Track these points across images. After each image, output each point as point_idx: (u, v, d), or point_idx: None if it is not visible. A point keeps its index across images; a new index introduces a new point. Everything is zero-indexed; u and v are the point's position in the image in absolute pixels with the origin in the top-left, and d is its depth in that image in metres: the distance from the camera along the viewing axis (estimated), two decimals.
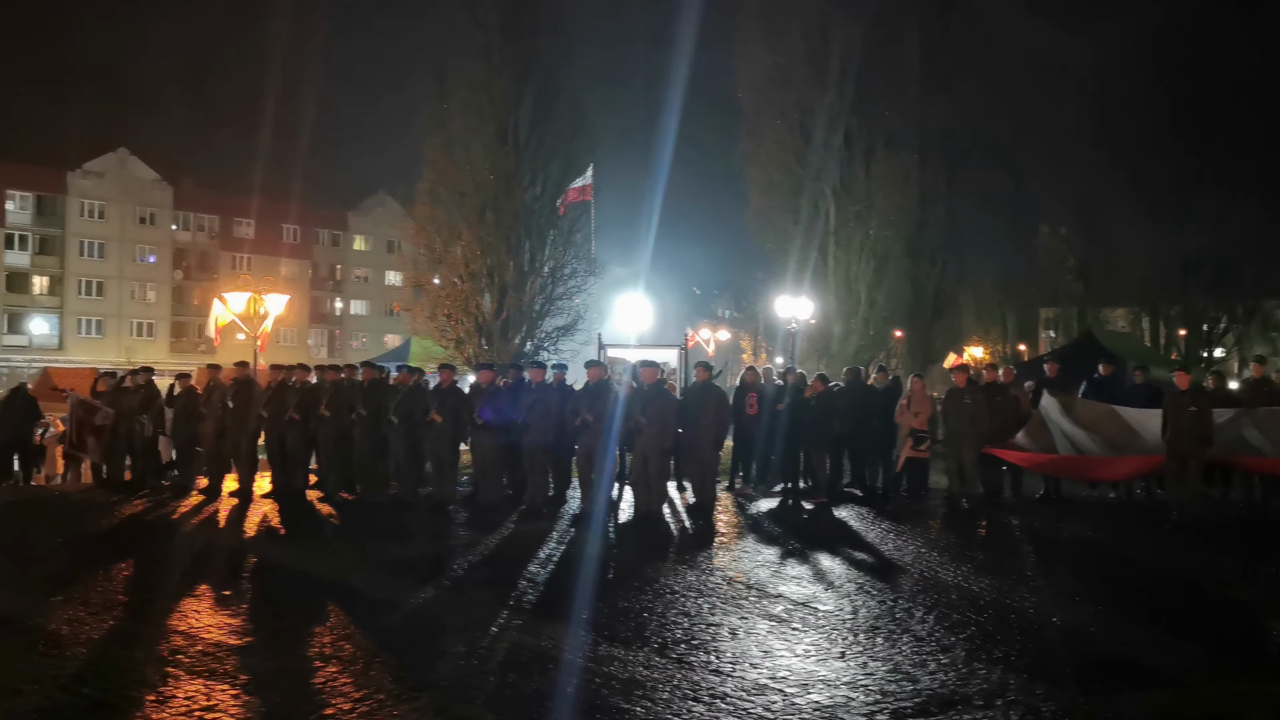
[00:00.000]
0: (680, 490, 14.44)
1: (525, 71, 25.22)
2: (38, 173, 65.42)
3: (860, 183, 28.52)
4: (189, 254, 72.54)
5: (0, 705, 4.99)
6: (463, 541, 10.81)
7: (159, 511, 12.75)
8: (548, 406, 12.93)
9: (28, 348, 63.85)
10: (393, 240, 71.86)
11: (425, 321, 26.60)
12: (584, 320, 26.56)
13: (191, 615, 7.01)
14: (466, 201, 25.04)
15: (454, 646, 6.37)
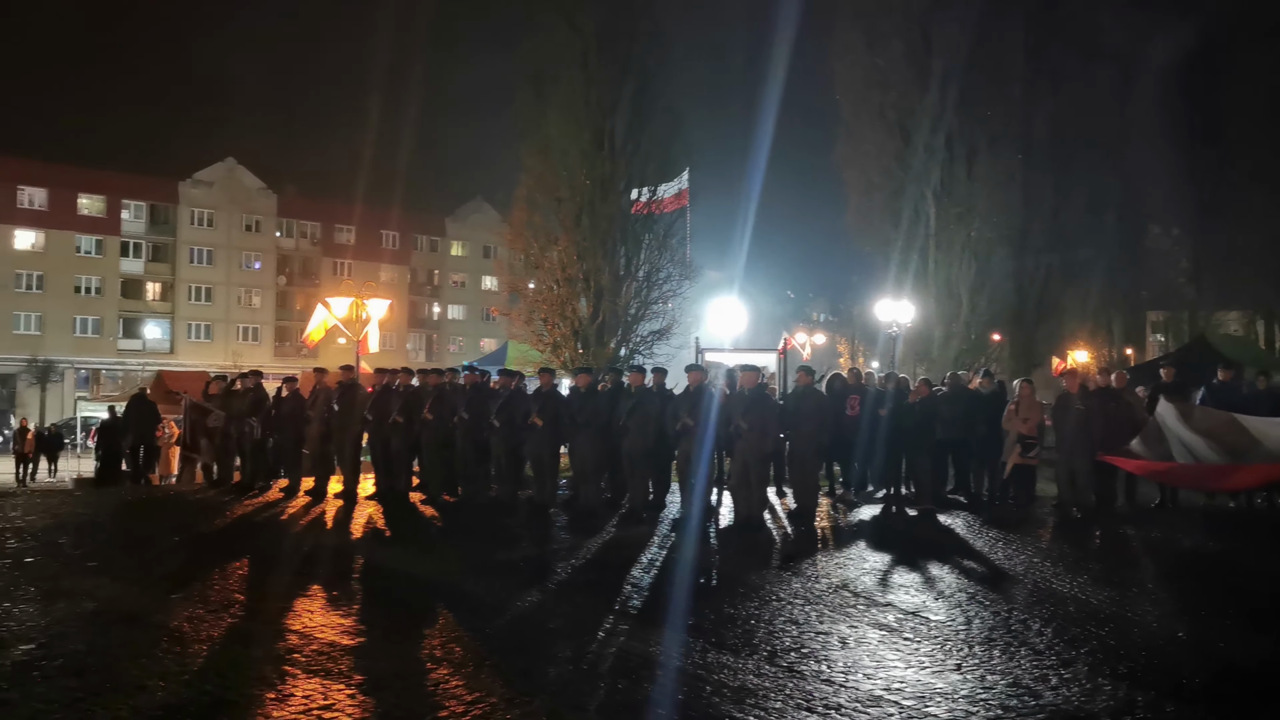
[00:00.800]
0: (780, 495, 14.29)
1: (622, 77, 25.29)
2: (151, 183, 67.84)
3: (962, 184, 28.00)
4: (292, 260, 74.46)
5: (127, 700, 5.11)
6: (564, 545, 10.83)
7: (268, 512, 13.03)
8: (647, 411, 12.89)
9: (142, 351, 66.14)
10: (489, 246, 72.78)
11: (522, 326, 26.83)
12: (678, 324, 26.52)
13: (305, 615, 7.11)
14: (563, 207, 25.19)
15: (562, 651, 6.35)
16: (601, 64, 25.10)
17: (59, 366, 62.54)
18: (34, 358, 61.53)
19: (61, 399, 59.65)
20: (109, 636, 6.46)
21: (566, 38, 25.27)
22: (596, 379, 14.07)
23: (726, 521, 12.35)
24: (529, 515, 12.80)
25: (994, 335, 29.75)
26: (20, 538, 10.63)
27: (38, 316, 63.96)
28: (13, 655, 5.88)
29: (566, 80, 25.20)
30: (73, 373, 63.46)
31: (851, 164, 29.49)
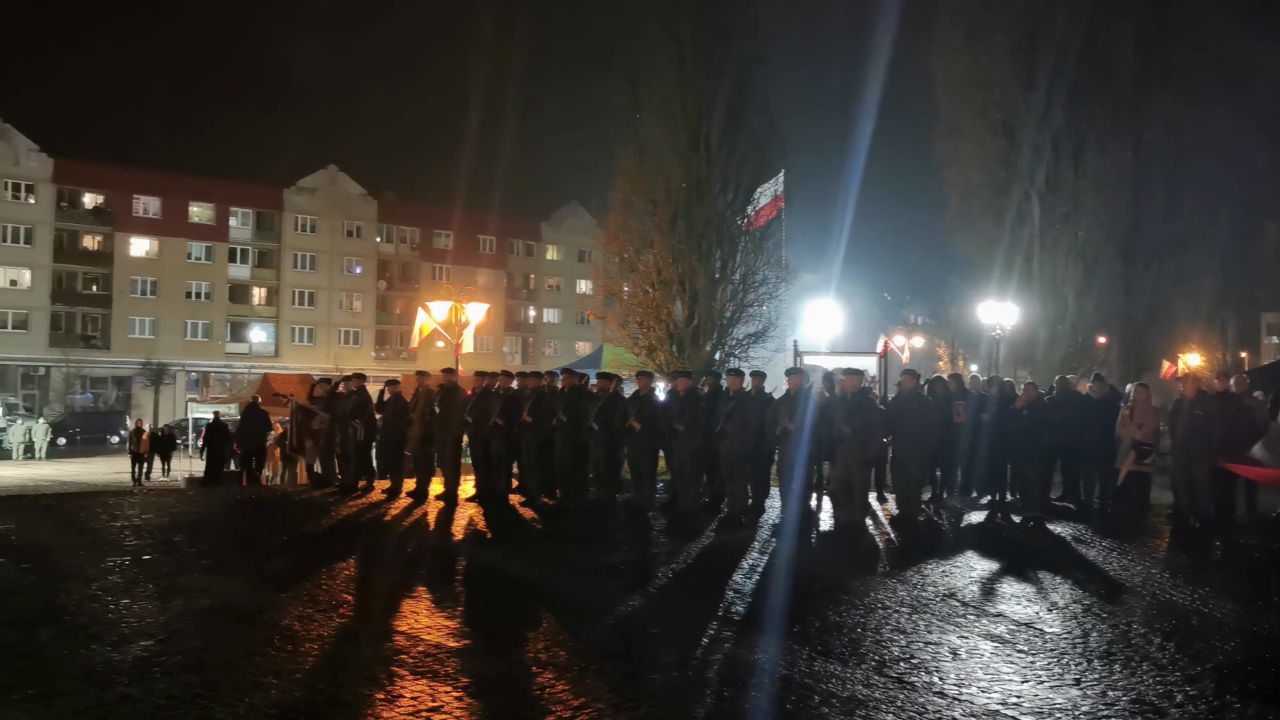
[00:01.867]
0: (881, 501, 14.06)
1: (717, 80, 25.18)
2: (257, 190, 69.90)
3: (1068, 183, 27.25)
4: (392, 265, 75.93)
5: (244, 697, 5.20)
6: (664, 549, 10.79)
7: (372, 513, 13.24)
8: (746, 414, 12.78)
9: (248, 355, 68.09)
10: (584, 249, 73.23)
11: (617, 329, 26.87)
12: (775, 327, 26.30)
13: (410, 616, 7.18)
14: (658, 210, 25.16)
15: (666, 657, 6.30)
16: (697, 67, 25.02)
17: (171, 369, 64.74)
18: (148, 360, 63.82)
19: (174, 400, 61.72)
20: (224, 634, 6.61)
21: (662, 41, 25.25)
22: (696, 382, 14.00)
23: (827, 527, 12.18)
24: (628, 519, 12.78)
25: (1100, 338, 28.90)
26: (138, 535, 10.96)
27: (151, 321, 66.31)
28: (134, 651, 6.04)
29: (662, 84, 25.18)
30: (184, 375, 65.61)
31: (951, 163, 28.92)
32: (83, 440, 52.18)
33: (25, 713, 4.90)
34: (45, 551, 10.00)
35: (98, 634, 6.47)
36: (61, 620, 6.86)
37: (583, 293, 78.50)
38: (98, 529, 11.54)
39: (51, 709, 4.97)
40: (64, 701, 5.08)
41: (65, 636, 6.41)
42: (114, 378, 65.51)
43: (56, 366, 62.57)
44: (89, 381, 64.99)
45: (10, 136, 62.43)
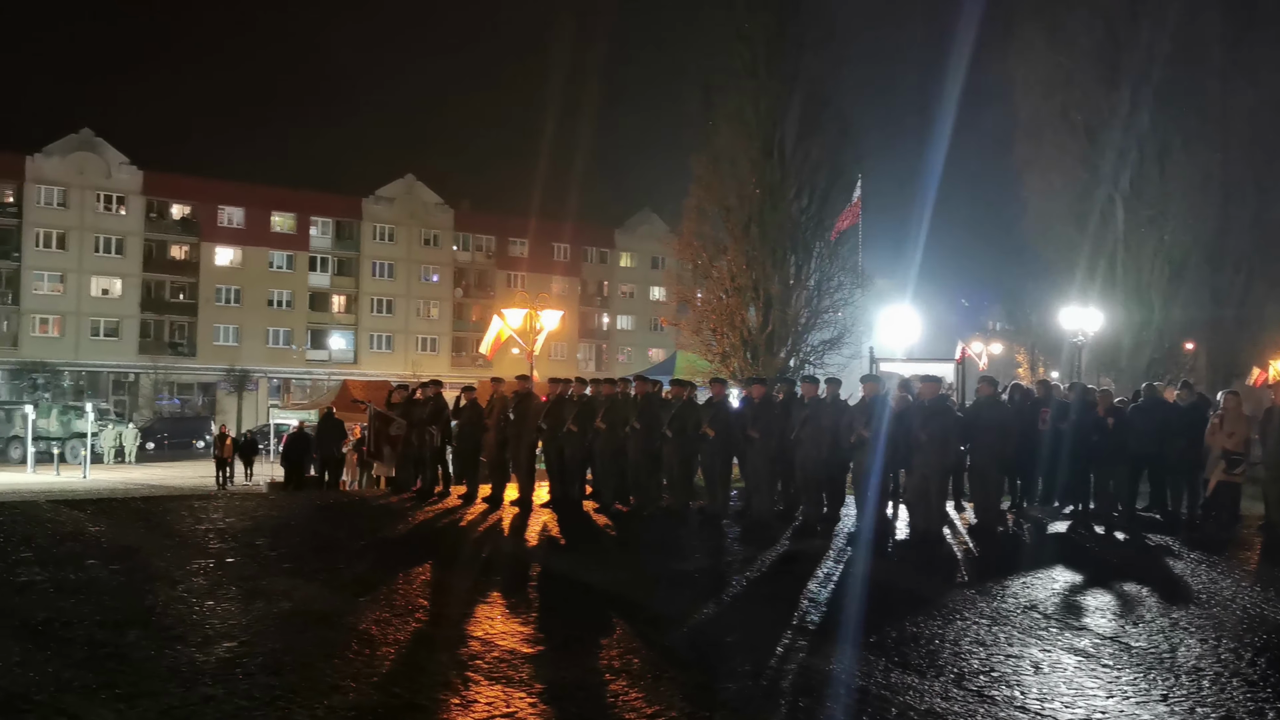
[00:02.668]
0: (959, 510, 13.83)
1: (791, 85, 25.07)
2: (337, 200, 71.29)
3: (1153, 185, 26.58)
4: (468, 273, 76.84)
5: (323, 699, 5.28)
6: (738, 557, 10.74)
7: (447, 518, 13.38)
8: (821, 422, 12.66)
9: (328, 361, 69.40)
10: (658, 256, 73.43)
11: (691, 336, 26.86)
12: (850, 334, 26.06)
13: (485, 621, 7.23)
14: (732, 216, 25.11)
15: (740, 666, 6.26)
16: (770, 72, 24.93)
17: (253, 375, 66.22)
18: (231, 367, 65.40)
19: (256, 406, 63.11)
20: (304, 636, 6.71)
21: (735, 47, 25.20)
22: (770, 389, 13.92)
23: (903, 536, 12.02)
24: (701, 526, 12.75)
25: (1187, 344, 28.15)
26: (222, 539, 11.20)
27: (235, 329, 67.94)
28: (217, 652, 6.17)
29: (735, 89, 25.13)
30: (266, 381, 67.07)
31: (1032, 167, 28.41)
32: (170, 445, 53.59)
33: (113, 712, 5.02)
34: (134, 553, 10.26)
35: (183, 635, 6.61)
36: (149, 621, 7.02)
37: (656, 299, 78.68)
38: (183, 532, 11.82)
39: (137, 709, 5.09)
40: (150, 701, 5.20)
41: (152, 637, 6.56)
42: (199, 384, 67.24)
43: (145, 373, 64.38)
44: (176, 387, 66.78)
45: (102, 150, 64.43)
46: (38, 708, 5.05)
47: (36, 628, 6.73)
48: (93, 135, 64.48)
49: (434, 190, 75.75)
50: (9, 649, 6.12)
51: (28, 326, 61.96)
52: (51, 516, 13.17)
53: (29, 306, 62.06)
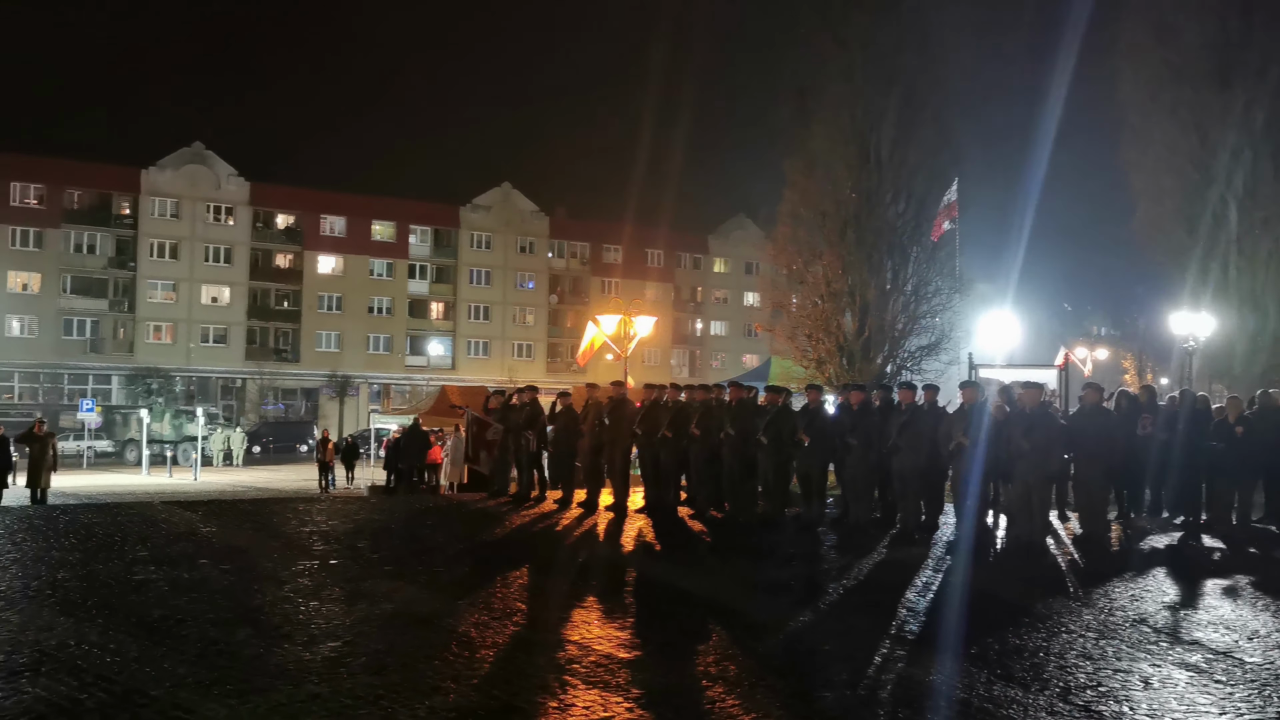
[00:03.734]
0: (1063, 520, 13.50)
1: (888, 88, 24.78)
2: (435, 209, 72.64)
3: (1268, 185, 25.57)
4: (562, 279, 77.54)
5: (424, 700, 5.38)
6: (835, 564, 10.64)
7: (543, 523, 13.50)
8: (919, 428, 12.48)
9: (426, 367, 70.66)
10: (751, 262, 73.17)
11: (785, 342, 26.72)
12: (948, 339, 25.66)
13: (582, 625, 7.28)
14: (827, 221, 24.92)
15: (838, 675, 6.20)
16: (866, 75, 24.69)
17: (355, 381, 67.75)
18: (333, 373, 67.03)
19: (357, 411, 64.54)
20: (405, 638, 6.84)
21: (830, 50, 25.02)
22: (867, 396, 13.77)
23: (1004, 546, 11.78)
24: (797, 533, 12.66)
25: None
26: (325, 541, 11.47)
27: (337, 335, 69.61)
28: (323, 652, 6.32)
29: (830, 93, 24.94)
30: (366, 387, 68.57)
31: (1139, 167, 27.55)
32: (275, 448, 55.12)
33: (225, 708, 5.18)
34: (242, 554, 10.59)
35: (289, 634, 6.79)
36: (257, 620, 7.23)
37: (750, 305, 78.38)
38: (289, 534, 12.15)
39: (248, 704, 5.24)
40: (259, 698, 5.36)
41: (260, 635, 6.76)
42: (303, 389, 69.00)
43: (252, 378, 66.31)
44: (280, 393, 68.63)
45: (212, 163, 66.63)
46: (154, 702, 5.24)
47: (153, 625, 6.98)
48: (203, 149, 66.73)
49: (530, 198, 76.65)
50: (127, 645, 6.36)
51: (143, 333, 64.33)
52: (165, 517, 13.64)
53: (144, 314, 64.45)
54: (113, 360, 62.87)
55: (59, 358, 61.38)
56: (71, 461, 39.57)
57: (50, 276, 62.03)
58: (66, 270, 62.52)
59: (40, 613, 7.33)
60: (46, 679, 5.59)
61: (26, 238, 61.36)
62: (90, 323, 63.37)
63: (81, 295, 63.04)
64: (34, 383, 61.11)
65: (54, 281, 62.09)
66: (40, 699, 5.24)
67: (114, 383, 62.45)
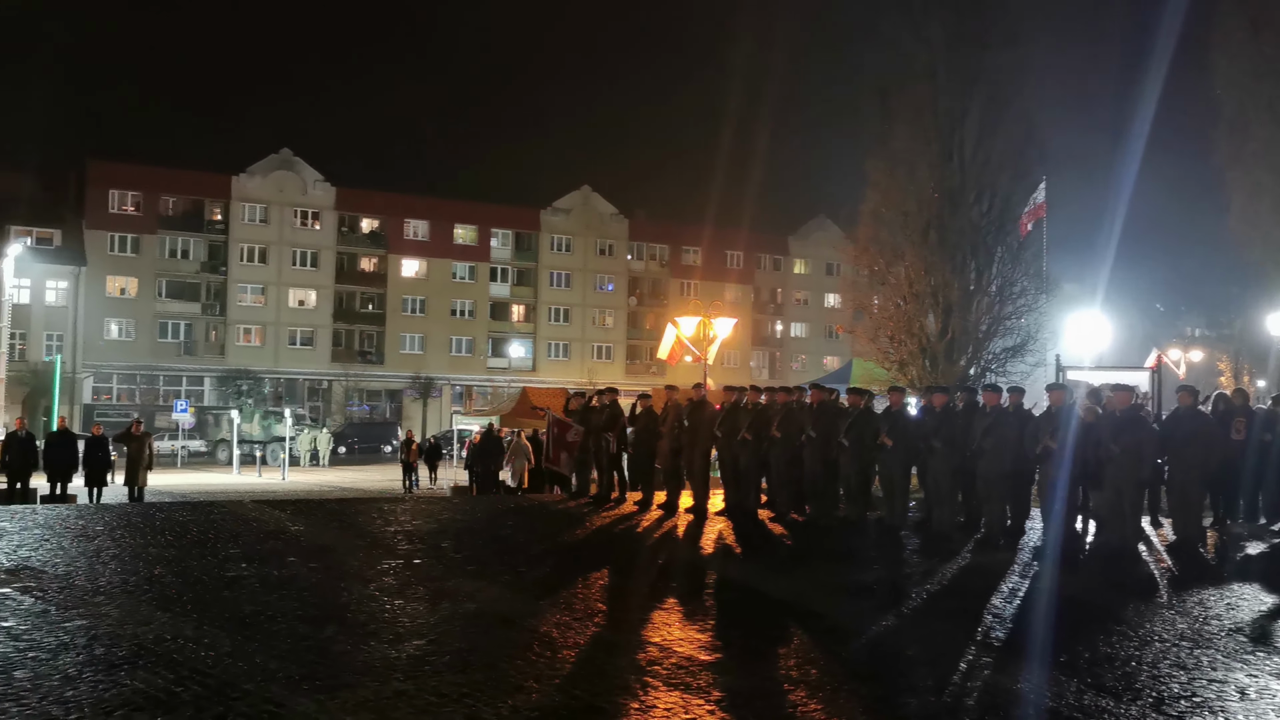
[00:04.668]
0: (1155, 526, 13.16)
1: (971, 86, 24.44)
2: (516, 212, 73.43)
3: None
4: (642, 282, 77.75)
5: (507, 699, 5.43)
6: (918, 569, 10.51)
7: (623, 524, 13.55)
8: (1004, 432, 12.27)
9: (507, 369, 71.39)
10: (832, 263, 72.54)
11: (867, 343, 26.49)
12: (1034, 341, 25.20)
13: (663, 627, 7.29)
14: (910, 221, 24.64)
15: (922, 681, 6.12)
16: (949, 73, 24.37)
17: (437, 383, 68.73)
18: (417, 375, 68.08)
19: (440, 412, 65.47)
20: (488, 637, 6.92)
21: (912, 48, 24.76)
22: (951, 398, 13.57)
23: (1093, 552, 11.52)
24: (879, 537, 12.54)
25: None
26: (410, 540, 11.66)
27: (420, 337, 70.70)
28: (408, 649, 6.42)
29: (913, 93, 24.67)
30: (449, 388, 69.48)
31: (1235, 163, 26.76)
32: (360, 449, 56.15)
33: (314, 703, 5.29)
34: (329, 552, 10.80)
35: (375, 632, 6.91)
36: (344, 617, 7.37)
37: (831, 306, 77.83)
38: (374, 533, 12.36)
39: (337, 700, 5.35)
40: (348, 693, 5.46)
41: (347, 632, 6.89)
42: (387, 391, 70.16)
43: (337, 380, 67.64)
44: (365, 394, 69.89)
45: (300, 169, 68.13)
46: (246, 696, 5.37)
47: (244, 620, 7.15)
48: (291, 155, 68.28)
49: (609, 201, 77.01)
50: (220, 640, 6.53)
51: (233, 336, 66.00)
52: (256, 515, 13.98)
53: (234, 317, 66.12)
54: (205, 362, 64.63)
55: (155, 360, 63.29)
56: (166, 460, 40.72)
57: (146, 281, 63.97)
58: (162, 275, 64.45)
59: (138, 607, 7.56)
60: (144, 671, 5.77)
61: (124, 243, 63.37)
62: (184, 326, 65.24)
63: (176, 299, 64.91)
64: (131, 384, 63.10)
65: (150, 286, 64.03)
66: (138, 691, 5.40)
67: (206, 384, 64.19)
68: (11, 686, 5.44)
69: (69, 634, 6.68)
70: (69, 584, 8.51)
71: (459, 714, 5.20)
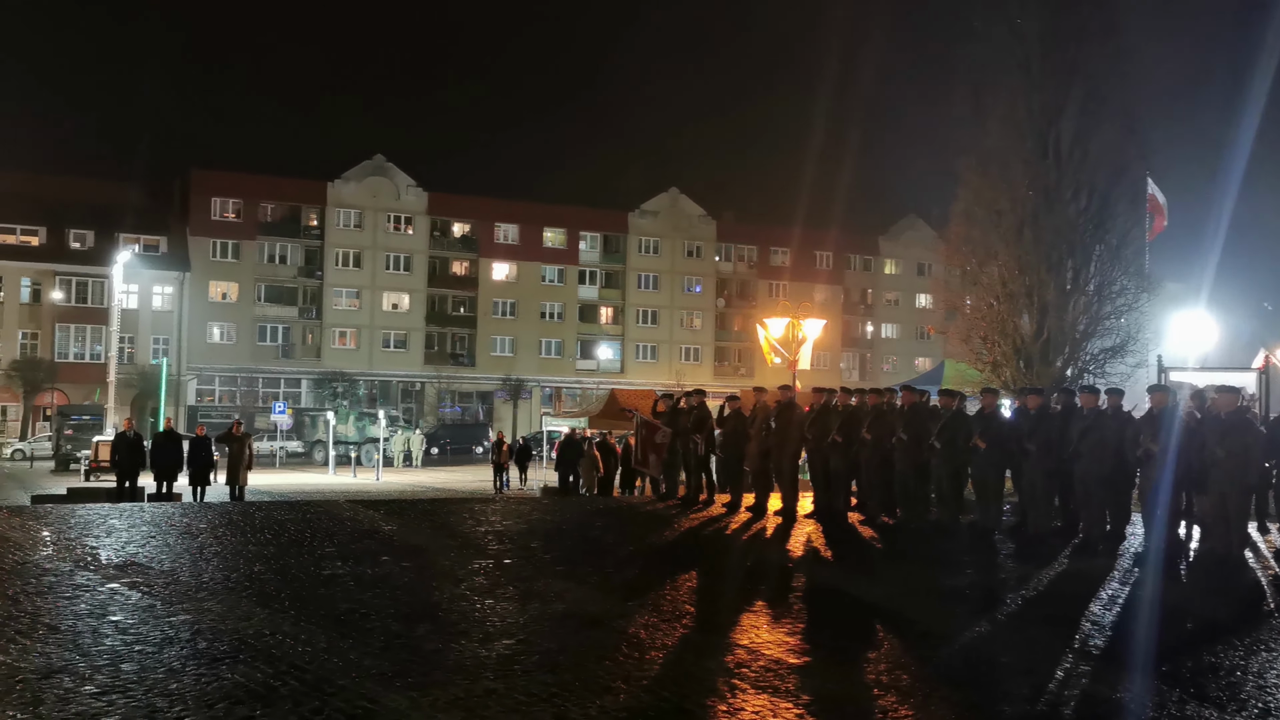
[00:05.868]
0: (1263, 532, 12.71)
1: (1068, 80, 23.79)
2: (604, 215, 73.91)
3: None
4: (730, 283, 77.60)
5: (595, 699, 5.46)
6: (1013, 574, 10.32)
7: (712, 526, 13.54)
8: (1103, 434, 11.94)
9: (596, 371, 71.83)
10: (924, 263, 71.52)
11: (959, 344, 26.01)
12: (1135, 342, 24.46)
13: (751, 629, 7.27)
14: (1003, 220, 24.12)
15: (1018, 689, 6.00)
16: (1046, 68, 23.77)
17: (527, 385, 69.45)
18: (507, 377, 68.91)
19: (530, 414, 66.11)
20: (577, 637, 6.96)
21: (1006, 43, 24.21)
22: (1048, 400, 13.27)
23: (1197, 559, 11.16)
24: (972, 541, 12.32)
25: None
26: (500, 540, 11.80)
27: (510, 340, 71.55)
28: (498, 649, 6.50)
29: (1007, 88, 24.12)
30: (538, 390, 70.13)
31: None
32: (451, 450, 56.97)
33: (406, 700, 5.38)
34: (421, 552, 10.99)
35: (466, 631, 7.01)
36: (436, 616, 7.49)
37: (922, 307, 76.74)
38: (465, 533, 12.54)
39: (428, 697, 5.43)
40: (439, 691, 5.54)
41: (439, 631, 6.99)
42: (478, 392, 71.14)
43: (430, 382, 68.80)
44: (456, 396, 70.94)
45: (392, 174, 69.48)
46: (341, 692, 5.48)
47: (339, 617, 7.31)
48: (384, 161, 69.68)
49: (697, 202, 77.00)
50: (316, 636, 6.68)
51: (329, 339, 67.57)
52: (350, 515, 14.28)
53: (330, 321, 67.70)
54: (302, 364, 66.28)
55: (254, 362, 65.09)
56: (265, 461, 41.78)
57: (246, 285, 65.83)
58: (261, 280, 66.28)
59: (239, 603, 7.77)
60: (244, 666, 5.93)
61: (225, 249, 65.32)
62: (282, 329, 66.99)
63: (274, 303, 66.70)
64: (232, 386, 65.01)
65: (249, 290, 65.87)
66: (239, 685, 5.56)
67: (303, 386, 65.82)
68: (119, 679, 5.64)
69: (174, 628, 6.90)
70: (174, 580, 8.79)
71: (547, 714, 5.24)
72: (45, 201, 59.21)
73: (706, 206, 77.20)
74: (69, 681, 5.58)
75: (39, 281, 59.59)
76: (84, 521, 12.77)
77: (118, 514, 13.89)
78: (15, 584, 8.44)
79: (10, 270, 59.25)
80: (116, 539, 11.19)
